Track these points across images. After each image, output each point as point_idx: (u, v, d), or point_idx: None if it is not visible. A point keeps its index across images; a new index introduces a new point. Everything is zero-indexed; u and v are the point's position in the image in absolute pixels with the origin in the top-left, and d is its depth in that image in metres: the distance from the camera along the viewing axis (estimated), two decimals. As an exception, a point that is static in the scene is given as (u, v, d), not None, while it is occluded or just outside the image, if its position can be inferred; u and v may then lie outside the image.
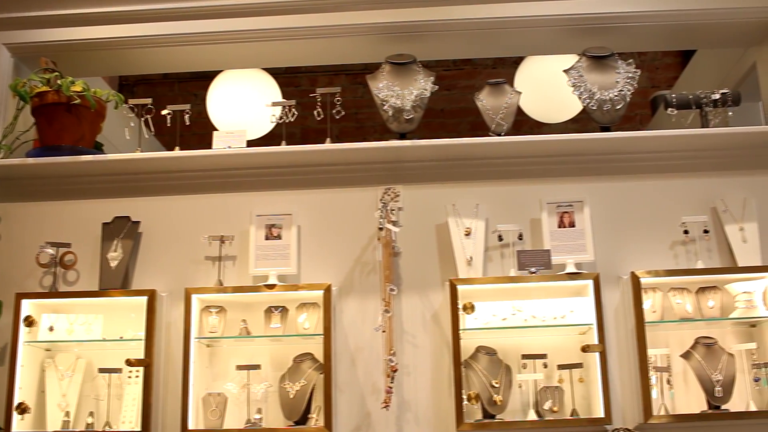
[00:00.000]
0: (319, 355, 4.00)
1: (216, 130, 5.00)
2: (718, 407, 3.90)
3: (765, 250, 4.16)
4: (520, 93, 4.52)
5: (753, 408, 3.94)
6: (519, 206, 4.31)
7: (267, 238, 4.23)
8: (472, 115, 5.98)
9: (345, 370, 4.12)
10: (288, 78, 6.53)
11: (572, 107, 5.33)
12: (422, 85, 4.38)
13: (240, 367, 4.07)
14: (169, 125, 4.43)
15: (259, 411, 4.01)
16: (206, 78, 5.74)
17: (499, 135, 4.38)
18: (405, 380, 4.10)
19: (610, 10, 4.54)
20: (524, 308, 4.04)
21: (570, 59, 4.65)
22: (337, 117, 4.38)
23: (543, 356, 4.03)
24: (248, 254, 4.20)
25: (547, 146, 4.32)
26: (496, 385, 3.92)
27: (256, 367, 4.07)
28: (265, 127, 5.31)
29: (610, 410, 3.85)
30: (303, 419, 3.96)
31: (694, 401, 4.03)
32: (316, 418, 3.96)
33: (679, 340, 4.11)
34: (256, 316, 4.16)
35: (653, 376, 3.93)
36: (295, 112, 4.46)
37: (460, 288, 3.99)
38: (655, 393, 3.92)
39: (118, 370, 4.06)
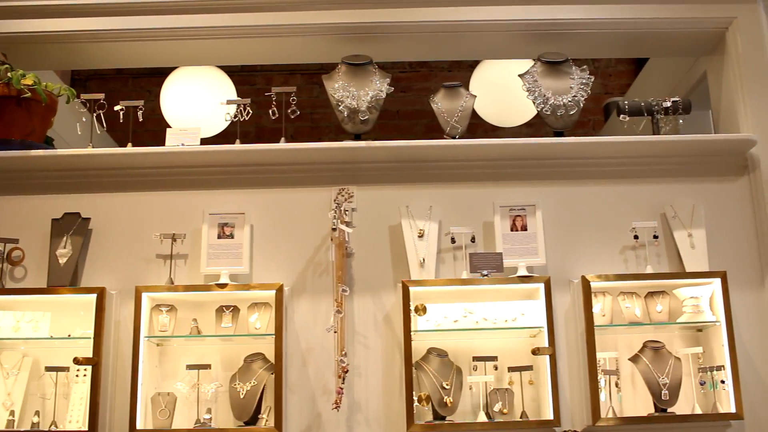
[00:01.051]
0: (270, 356, 3.98)
1: (169, 127, 4.96)
2: (664, 410, 3.95)
3: (712, 256, 4.23)
4: (475, 96, 4.55)
5: (698, 411, 4.00)
6: (472, 209, 4.33)
7: (219, 237, 4.20)
8: (427, 117, 6.01)
9: (296, 370, 4.11)
10: (243, 76, 6.50)
11: (526, 112, 5.37)
12: (378, 87, 4.39)
13: (190, 367, 4.04)
14: (121, 121, 4.38)
15: (209, 411, 3.98)
16: (161, 74, 5.68)
17: (454, 138, 4.40)
18: (356, 381, 4.09)
19: (565, 16, 4.59)
20: (476, 310, 4.06)
21: (525, 64, 4.69)
22: (293, 116, 4.37)
23: (494, 358, 4.05)
24: (200, 253, 4.17)
25: (501, 150, 4.35)
26: (447, 387, 3.94)
27: (207, 366, 4.04)
28: (220, 126, 5.28)
29: (559, 412, 3.89)
30: (253, 419, 3.94)
31: (641, 404, 4.08)
32: (267, 419, 3.94)
33: (627, 343, 4.16)
34: (207, 315, 4.13)
35: (602, 379, 3.98)
36: (250, 111, 4.44)
37: (413, 289, 4.00)
38: (603, 396, 3.96)
39: (65, 369, 4.00)
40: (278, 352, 3.94)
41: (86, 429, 3.85)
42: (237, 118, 4.45)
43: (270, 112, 4.38)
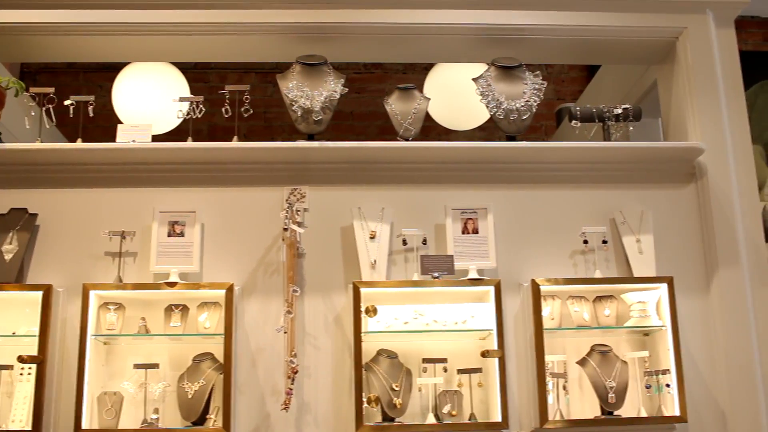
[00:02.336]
0: (220, 355, 3.95)
1: (121, 123, 4.89)
2: (610, 413, 4.00)
3: (659, 261, 4.29)
4: (429, 99, 4.56)
5: (644, 414, 4.06)
6: (424, 211, 4.35)
7: (170, 235, 4.16)
8: (381, 119, 6.02)
9: (245, 370, 4.08)
10: (197, 73, 6.44)
11: (480, 115, 5.40)
12: (332, 87, 4.38)
13: (137, 366, 3.99)
14: (71, 116, 4.31)
15: (156, 411, 3.94)
16: (113, 69, 5.61)
17: (407, 140, 4.41)
18: (305, 382, 4.08)
19: (520, 22, 4.62)
20: (426, 312, 4.07)
21: (479, 68, 4.72)
22: (246, 115, 4.35)
23: (443, 360, 4.07)
24: (150, 251, 4.12)
25: (454, 153, 4.37)
26: (396, 389, 3.94)
27: (155, 366, 4.00)
28: (172, 123, 5.23)
29: (508, 415, 3.91)
30: (201, 420, 3.90)
31: (588, 407, 4.13)
32: (215, 419, 3.91)
33: (575, 347, 4.20)
34: (155, 314, 4.08)
35: (550, 382, 4.01)
36: (203, 109, 4.41)
37: (364, 291, 4.00)
38: (551, 398, 4.00)
39: (9, 367, 3.93)
40: (227, 352, 3.91)
41: (30, 429, 3.78)
42: (190, 116, 4.41)
43: (223, 110, 4.35)
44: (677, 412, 3.97)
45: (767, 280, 4.39)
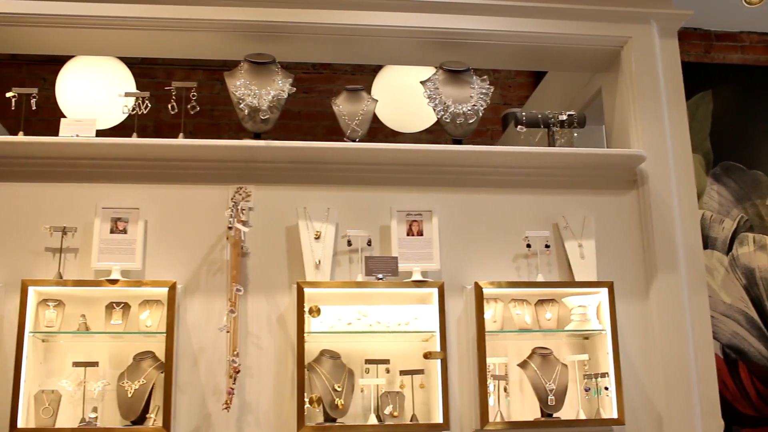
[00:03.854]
0: (161, 354, 3.92)
1: (64, 117, 4.83)
2: (550, 415, 4.05)
3: (600, 266, 4.35)
4: (376, 101, 4.57)
5: (582, 416, 4.12)
6: (369, 212, 4.35)
7: (112, 232, 4.11)
8: (329, 119, 6.00)
9: (187, 369, 4.05)
10: (143, 69, 6.36)
11: (427, 118, 5.42)
12: (280, 86, 4.37)
13: (76, 364, 3.93)
14: (13, 109, 4.25)
15: (95, 410, 3.89)
16: (57, 62, 5.51)
17: (354, 141, 4.42)
18: (247, 382, 4.06)
19: (468, 26, 4.65)
20: (370, 313, 4.08)
21: (427, 71, 4.74)
22: (192, 112, 4.32)
23: (386, 361, 4.08)
24: (91, 247, 4.07)
25: (400, 155, 4.39)
26: (339, 389, 3.94)
27: (94, 364, 3.95)
28: (117, 118, 5.16)
29: (449, 416, 3.94)
30: (140, 419, 3.86)
31: (528, 409, 4.17)
32: (155, 418, 3.88)
33: (517, 349, 4.24)
34: (96, 311, 4.03)
35: (491, 384, 4.05)
36: (149, 105, 4.37)
37: (307, 291, 4.00)
38: (492, 400, 4.03)
39: (-57, 363, 3.87)
40: (169, 350, 3.88)
41: (-36, 426, 3.73)
42: (135, 111, 4.37)
43: (169, 106, 4.31)
44: (615, 415, 4.03)
45: (704, 286, 4.49)
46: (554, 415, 4.06)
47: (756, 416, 5.74)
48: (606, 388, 4.08)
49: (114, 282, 3.95)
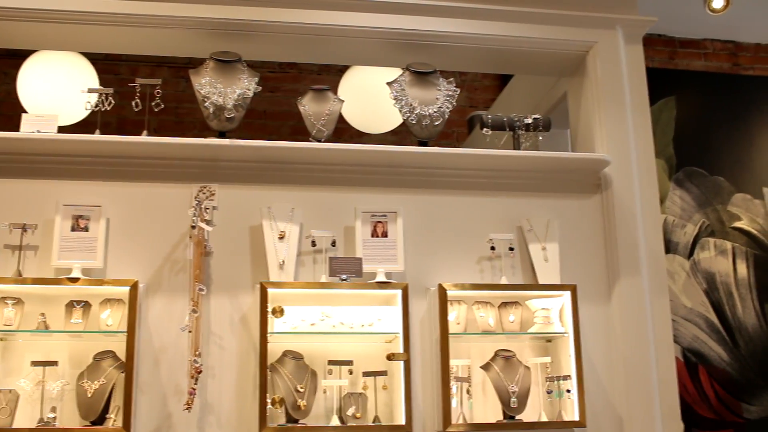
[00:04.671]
0: (122, 354, 3.87)
1: (25, 112, 4.77)
2: (512, 417, 4.07)
3: (564, 269, 4.38)
4: (342, 101, 4.56)
5: (544, 419, 4.14)
6: (334, 213, 4.34)
7: (73, 230, 4.06)
8: (294, 119, 5.98)
9: (148, 369, 4.01)
10: (107, 65, 6.29)
11: (393, 119, 5.42)
12: (246, 85, 4.35)
13: (35, 363, 3.88)
14: (-27, 104, 4.19)
15: (54, 410, 3.84)
16: (18, 56, 5.45)
17: (320, 141, 4.40)
18: (209, 382, 4.03)
19: (435, 28, 4.66)
20: (333, 314, 4.07)
21: (394, 72, 4.74)
22: (156, 110, 4.27)
23: (349, 363, 4.07)
24: (52, 245, 4.02)
25: (366, 156, 4.38)
26: (301, 390, 3.93)
27: (53, 363, 3.89)
28: (80, 114, 5.10)
29: (411, 418, 3.94)
30: (100, 419, 3.82)
31: (490, 411, 4.19)
32: (114, 419, 3.83)
33: (480, 351, 4.25)
34: (56, 310, 3.98)
35: (454, 386, 4.05)
36: (112, 101, 4.32)
37: (271, 291, 3.98)
38: (455, 402, 4.04)
39: None
40: (130, 350, 3.84)
41: None
42: (98, 108, 4.32)
43: (133, 103, 4.27)
44: (576, 417, 4.05)
45: (666, 291, 4.53)
46: (516, 417, 4.07)
47: (715, 419, 5.80)
48: (568, 391, 4.10)
49: (74, 280, 3.91)
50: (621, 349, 4.35)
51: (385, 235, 4.27)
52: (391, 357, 3.98)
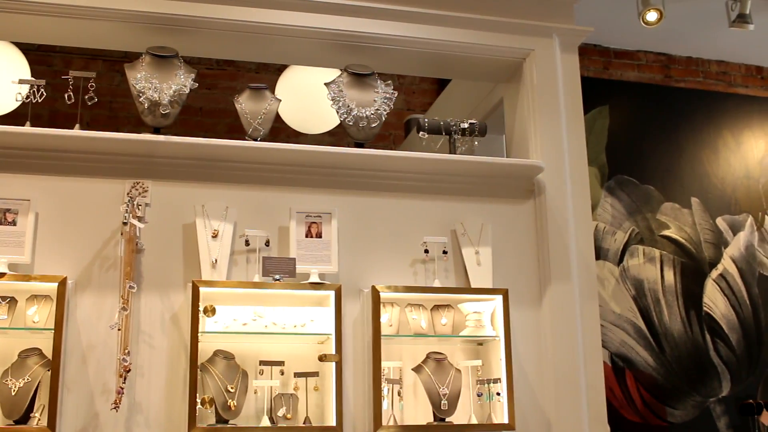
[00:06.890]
0: (48, 351, 3.79)
1: (-47, 102, 4.65)
2: (443, 419, 4.09)
3: (496, 273, 4.42)
4: (280, 100, 4.55)
5: (474, 421, 4.17)
6: (268, 213, 4.32)
7: (0, 224, 3.97)
8: (231, 117, 5.93)
9: (75, 367, 3.94)
10: (40, 56, 6.18)
11: (330, 120, 5.43)
12: (182, 81, 4.30)
13: (-43, 360, 3.80)
14: None
15: (-25, 407, 3.76)
16: (-53, 46, 5.32)
17: (256, 140, 4.38)
18: (138, 381, 3.97)
19: (374, 30, 4.66)
20: (266, 314, 4.05)
21: (332, 73, 4.74)
22: (90, 103, 4.20)
23: (281, 363, 4.05)
24: (-23, 239, 3.93)
25: (302, 156, 4.37)
26: (232, 390, 3.90)
27: (-24, 360, 3.82)
28: (9, 105, 5.00)
29: (342, 419, 3.94)
30: (24, 418, 3.73)
31: (421, 413, 4.21)
32: (39, 418, 3.75)
33: (412, 353, 4.27)
34: (-20, 305, 3.89)
35: (385, 388, 4.06)
36: (44, 93, 4.23)
37: (203, 290, 3.94)
38: (385, 404, 4.04)
39: None
40: (57, 347, 3.76)
41: None
42: (29, 99, 4.23)
43: (66, 96, 4.19)
44: (506, 420, 4.09)
45: (595, 296, 4.61)
46: (447, 419, 4.10)
47: (641, 423, 5.92)
48: (498, 394, 4.14)
49: (1, 275, 3.82)
50: (551, 352, 4.41)
51: (319, 235, 4.26)
52: (322, 358, 3.98)
